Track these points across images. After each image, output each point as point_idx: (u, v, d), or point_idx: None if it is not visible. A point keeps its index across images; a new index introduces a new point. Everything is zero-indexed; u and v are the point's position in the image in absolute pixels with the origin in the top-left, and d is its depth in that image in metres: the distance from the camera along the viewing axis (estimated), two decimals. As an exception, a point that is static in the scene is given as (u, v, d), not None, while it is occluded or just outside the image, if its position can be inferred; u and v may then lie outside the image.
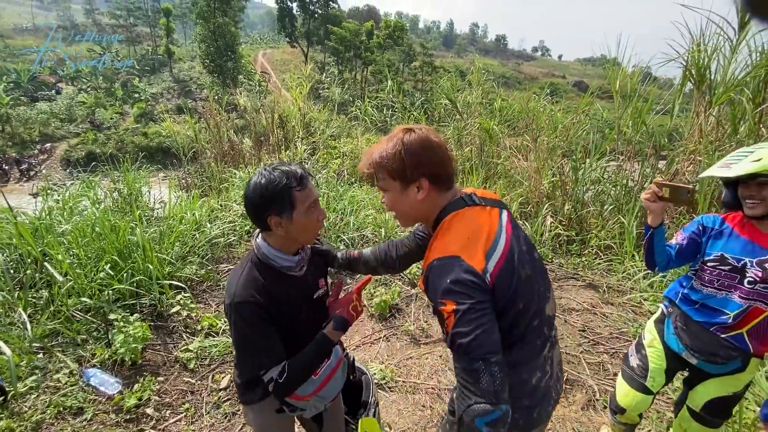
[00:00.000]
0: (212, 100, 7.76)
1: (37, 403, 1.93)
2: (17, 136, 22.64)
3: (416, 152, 0.97)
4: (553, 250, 4.49)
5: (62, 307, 2.49)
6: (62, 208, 3.66)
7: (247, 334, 1.06)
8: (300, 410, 1.18)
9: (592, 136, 4.99)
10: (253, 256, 1.14)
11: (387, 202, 1.04)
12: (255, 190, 1.05)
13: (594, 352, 2.84)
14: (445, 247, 0.92)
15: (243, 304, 1.04)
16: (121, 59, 35.77)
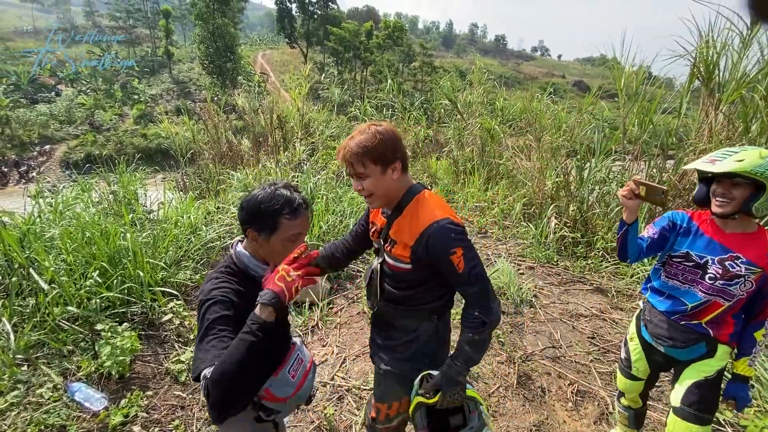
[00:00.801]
0: (211, 101, 7.66)
1: (18, 421, 1.81)
2: (17, 138, 22.55)
3: (392, 138, 1.19)
4: (558, 252, 4.37)
5: (48, 317, 2.38)
6: (54, 211, 3.55)
7: (210, 329, 0.98)
8: (276, 413, 1.14)
9: (597, 136, 4.87)
10: (230, 264, 1.15)
11: (367, 185, 1.19)
12: (251, 200, 1.10)
13: (605, 360, 2.72)
14: (432, 215, 1.18)
15: (217, 299, 1.02)
16: (120, 60, 35.74)
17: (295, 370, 1.15)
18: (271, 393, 1.09)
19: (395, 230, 1.25)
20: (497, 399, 2.32)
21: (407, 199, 1.24)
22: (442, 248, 1.15)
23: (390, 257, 1.26)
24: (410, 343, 1.34)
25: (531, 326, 3.10)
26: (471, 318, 1.21)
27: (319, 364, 2.53)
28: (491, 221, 5.23)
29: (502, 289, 3.45)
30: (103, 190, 4.72)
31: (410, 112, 8.67)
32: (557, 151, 5.57)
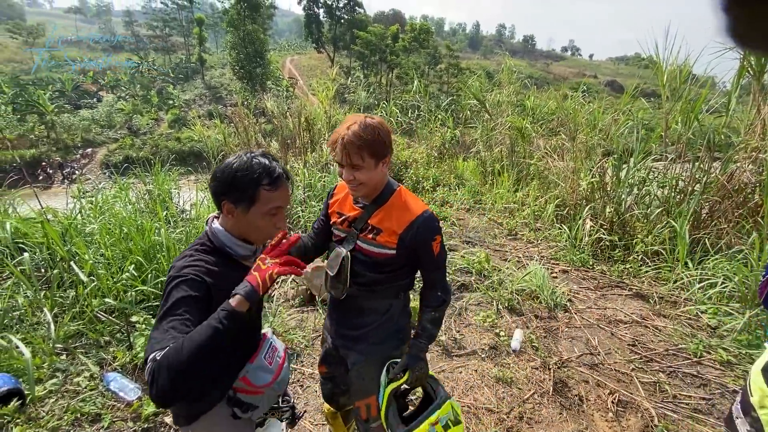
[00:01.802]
0: (241, 105, 7.86)
1: (55, 408, 1.87)
2: (61, 142, 23.96)
3: (387, 133, 1.23)
4: (594, 256, 4.17)
5: (87, 308, 2.45)
6: (94, 209, 3.69)
7: (172, 309, 0.88)
8: (253, 409, 1.06)
9: (636, 134, 4.63)
10: (205, 241, 1.05)
11: (359, 176, 1.22)
12: (226, 169, 1.00)
13: (648, 370, 2.55)
14: (420, 207, 1.30)
15: (186, 279, 0.92)
16: (157, 67, 37.39)
17: (270, 357, 1.10)
18: (249, 381, 1.03)
19: (379, 219, 1.31)
20: (532, 405, 2.20)
21: (389, 191, 1.32)
22: (428, 236, 1.28)
23: (369, 244, 1.31)
24: (383, 324, 1.40)
25: (566, 332, 2.96)
26: (434, 298, 1.37)
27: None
28: (521, 223, 5.07)
29: (534, 292, 3.32)
30: (139, 189, 4.90)
31: (435, 114, 8.58)
32: (592, 150, 5.35)
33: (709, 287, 3.31)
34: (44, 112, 23.56)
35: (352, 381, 1.42)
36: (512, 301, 3.17)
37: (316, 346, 2.65)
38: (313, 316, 2.96)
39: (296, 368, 2.44)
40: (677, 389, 2.39)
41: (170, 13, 43.85)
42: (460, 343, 2.70)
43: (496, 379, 2.37)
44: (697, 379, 2.47)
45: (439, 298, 1.36)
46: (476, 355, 2.58)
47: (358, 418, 1.46)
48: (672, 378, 2.49)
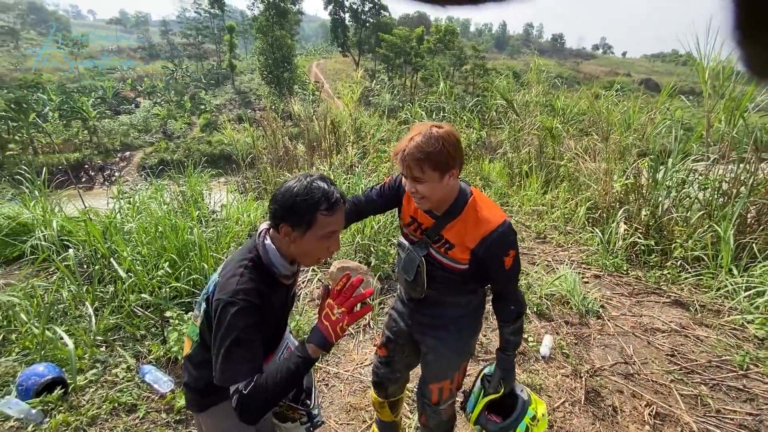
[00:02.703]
0: (269, 109, 8.06)
1: (95, 398, 1.97)
2: (102, 146, 25.33)
3: (453, 144, 1.16)
4: (629, 261, 4.00)
5: (125, 303, 2.57)
6: (132, 208, 3.87)
7: (240, 337, 0.94)
8: None
9: (674, 134, 4.41)
10: (255, 257, 1.07)
11: (422, 189, 1.19)
12: (286, 193, 1.01)
13: (689, 382, 2.41)
14: (493, 220, 1.23)
15: (244, 307, 0.96)
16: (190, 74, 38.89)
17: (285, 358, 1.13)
18: None
19: (452, 233, 1.28)
20: (563, 414, 2.13)
21: (461, 203, 1.26)
22: (501, 251, 1.23)
23: (442, 256, 1.31)
24: (463, 316, 1.43)
25: (599, 339, 2.84)
26: (508, 312, 1.36)
27: (370, 363, 2.49)
28: (550, 226, 4.93)
29: (564, 297, 3.21)
30: (173, 190, 5.11)
31: (461, 115, 8.49)
32: (626, 151, 5.14)
33: (756, 296, 3.10)
34: (87, 118, 24.97)
35: (428, 364, 1.49)
36: (541, 306, 3.08)
37: (342, 346, 2.67)
38: (338, 316, 2.98)
39: (321, 367, 2.46)
40: (721, 403, 2.25)
41: (203, 21, 45.56)
42: (486, 347, 2.64)
43: (524, 386, 2.31)
44: (743, 393, 2.32)
45: (513, 312, 1.36)
46: (503, 360, 2.52)
47: (427, 401, 1.53)
48: (715, 391, 2.35)
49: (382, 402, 1.71)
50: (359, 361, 2.52)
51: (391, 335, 1.59)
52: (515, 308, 1.35)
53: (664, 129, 4.92)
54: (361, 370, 2.43)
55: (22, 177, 4.03)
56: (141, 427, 1.88)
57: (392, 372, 1.63)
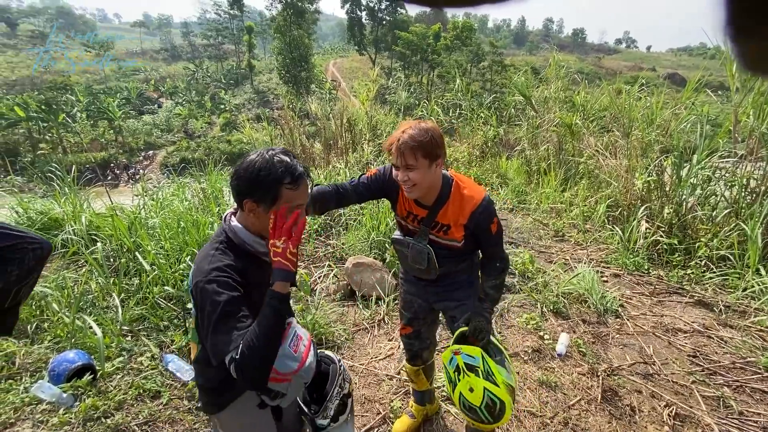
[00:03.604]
0: (287, 108, 8.17)
1: (121, 384, 2.06)
2: (127, 145, 26.15)
3: (440, 136, 1.34)
4: (650, 260, 3.90)
5: (149, 295, 2.67)
6: (155, 205, 4.01)
7: (224, 312, 0.94)
8: (281, 396, 1.08)
9: (700, 130, 4.27)
10: (224, 238, 1.07)
11: (413, 176, 1.32)
12: (249, 167, 1.00)
13: (711, 383, 2.35)
14: (477, 195, 1.41)
15: (220, 281, 0.96)
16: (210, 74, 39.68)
17: (295, 345, 1.10)
18: (275, 369, 1.04)
19: (445, 217, 1.45)
20: (578, 412, 2.11)
21: (447, 188, 1.43)
22: (487, 220, 1.42)
23: (441, 239, 1.49)
24: (469, 276, 1.63)
25: (617, 338, 2.79)
26: (494, 269, 1.52)
27: (384, 358, 2.53)
28: (569, 224, 4.85)
29: (582, 296, 3.16)
30: (194, 188, 5.25)
31: (478, 113, 8.41)
32: (649, 147, 5.00)
33: (785, 297, 2.99)
34: (113, 118, 25.80)
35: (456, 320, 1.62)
36: (558, 304, 3.04)
37: (357, 340, 2.70)
38: (353, 310, 3.02)
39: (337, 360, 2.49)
40: (744, 405, 2.18)
41: (223, 22, 46.41)
42: (501, 344, 2.63)
43: (539, 383, 2.30)
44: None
45: (498, 267, 1.52)
46: (518, 357, 2.51)
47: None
48: (738, 393, 2.28)
49: (417, 370, 1.88)
50: (374, 354, 2.55)
51: (412, 314, 1.77)
52: (500, 264, 1.52)
53: (689, 125, 4.76)
54: (376, 364, 2.46)
55: (53, 175, 4.21)
56: (164, 412, 1.96)
57: (423, 341, 1.84)
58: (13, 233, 1.08)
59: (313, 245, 3.93)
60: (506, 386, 1.35)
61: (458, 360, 1.40)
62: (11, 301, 1.07)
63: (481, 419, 1.34)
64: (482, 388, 1.33)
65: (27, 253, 1.07)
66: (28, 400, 1.92)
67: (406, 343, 1.87)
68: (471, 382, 1.36)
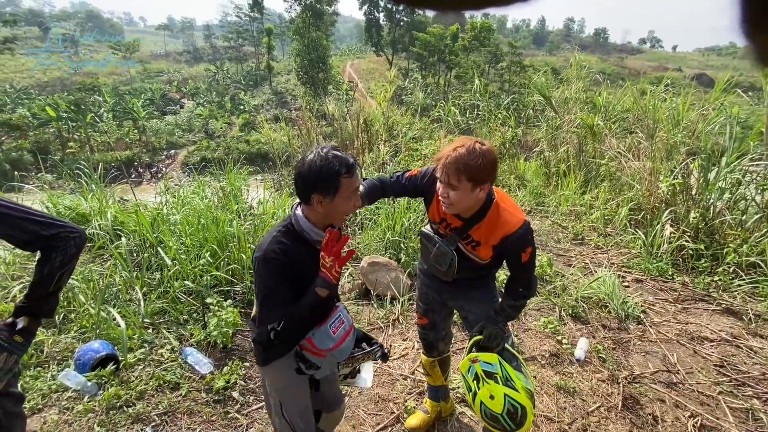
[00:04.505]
0: (305, 109, 8.26)
1: (142, 375, 2.11)
2: (150, 144, 26.88)
3: (491, 161, 1.28)
4: (674, 265, 3.78)
5: (169, 289, 2.74)
6: (177, 202, 4.11)
7: (270, 286, 1.17)
8: (315, 368, 1.27)
9: (729, 132, 4.11)
10: (288, 223, 1.25)
11: (453, 196, 1.31)
12: (311, 166, 1.16)
13: (739, 395, 2.25)
14: (514, 221, 1.37)
15: (272, 259, 1.16)
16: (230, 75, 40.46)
17: (335, 327, 1.27)
18: (313, 343, 1.23)
19: (478, 233, 1.43)
20: (598, 419, 2.05)
21: (486, 206, 1.40)
22: (518, 249, 1.38)
23: (469, 253, 1.49)
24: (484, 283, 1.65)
25: (639, 345, 2.72)
26: (516, 291, 1.48)
27: (399, 357, 2.52)
28: (589, 227, 4.74)
29: (602, 300, 3.09)
30: (214, 186, 5.37)
31: (496, 113, 8.31)
32: (674, 149, 4.85)
33: (821, 307, 2.85)
34: (137, 118, 26.59)
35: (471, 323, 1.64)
36: (577, 309, 2.98)
37: (371, 340, 2.70)
38: (368, 309, 3.02)
39: (351, 359, 2.50)
40: (776, 419, 2.09)
41: (243, 24, 47.25)
42: (518, 347, 2.59)
43: (557, 388, 2.25)
44: (803, 411, 2.14)
45: (520, 293, 1.49)
46: (535, 361, 2.47)
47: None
48: (769, 406, 2.18)
49: (433, 362, 1.89)
50: (388, 354, 2.54)
51: (428, 306, 1.79)
52: (522, 291, 1.48)
53: (717, 126, 4.60)
54: (390, 363, 2.45)
55: (81, 172, 4.36)
56: (183, 403, 2.00)
57: (438, 332, 1.85)
58: (57, 223, 1.18)
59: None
60: (526, 391, 1.33)
61: (476, 368, 1.40)
62: (54, 286, 1.17)
63: (504, 427, 1.33)
64: (503, 395, 1.32)
65: (69, 241, 1.17)
66: (55, 387, 1.99)
67: (422, 334, 1.89)
68: (491, 389, 1.35)
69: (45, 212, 1.17)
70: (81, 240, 1.20)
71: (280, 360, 1.29)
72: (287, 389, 1.34)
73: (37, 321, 1.19)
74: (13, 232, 1.11)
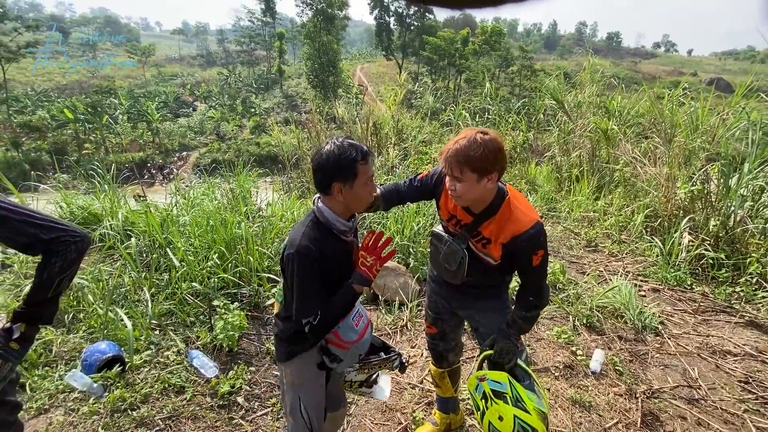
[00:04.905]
0: (314, 112, 8.28)
1: (148, 377, 2.09)
2: (163, 146, 27.30)
3: (494, 150, 1.24)
4: (693, 275, 3.66)
5: (177, 290, 2.72)
6: (186, 203, 4.11)
7: (306, 281, 1.20)
8: (338, 361, 1.32)
9: (751, 136, 3.98)
10: (314, 217, 1.27)
11: (460, 188, 1.29)
12: (329, 156, 1.19)
13: (766, 413, 2.14)
14: (526, 220, 1.31)
15: (305, 254, 1.18)
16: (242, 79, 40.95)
17: (357, 320, 1.34)
18: (339, 335, 1.29)
19: (488, 230, 1.38)
20: (615, 436, 1.97)
21: (498, 202, 1.35)
22: (530, 250, 1.32)
23: (479, 251, 1.43)
24: (496, 293, 1.58)
25: (657, 358, 2.61)
26: (527, 301, 1.40)
27: (407, 365, 2.46)
28: (602, 234, 4.63)
29: (618, 310, 2.99)
30: (223, 188, 5.38)
31: (507, 118, 8.22)
32: (693, 155, 4.72)
33: None
34: (151, 120, 27.03)
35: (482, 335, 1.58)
36: (591, 318, 2.88)
37: (379, 346, 2.65)
38: (376, 315, 2.97)
39: (359, 365, 2.45)
40: (807, 440, 1.98)
41: (256, 29, 47.88)
42: (530, 357, 2.51)
43: (571, 401, 2.16)
44: (836, 432, 2.02)
45: (531, 302, 1.41)
46: (549, 373, 2.38)
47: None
48: (799, 426, 2.07)
49: (442, 372, 1.83)
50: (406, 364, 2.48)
51: (437, 314, 1.73)
52: (533, 300, 1.40)
53: (738, 131, 4.46)
54: (398, 371, 2.39)
55: (95, 172, 4.40)
56: (188, 408, 1.97)
57: (448, 342, 1.78)
58: (58, 226, 1.13)
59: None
60: (537, 412, 1.26)
61: (484, 387, 1.34)
62: (53, 291, 1.13)
63: None
64: (512, 416, 1.25)
65: (70, 245, 1.13)
66: (62, 387, 1.97)
67: (431, 343, 1.83)
68: (500, 409, 1.28)
69: (47, 215, 1.14)
70: (83, 244, 1.16)
71: (303, 355, 1.32)
72: (307, 384, 1.36)
73: (35, 327, 1.15)
74: (12, 235, 1.07)
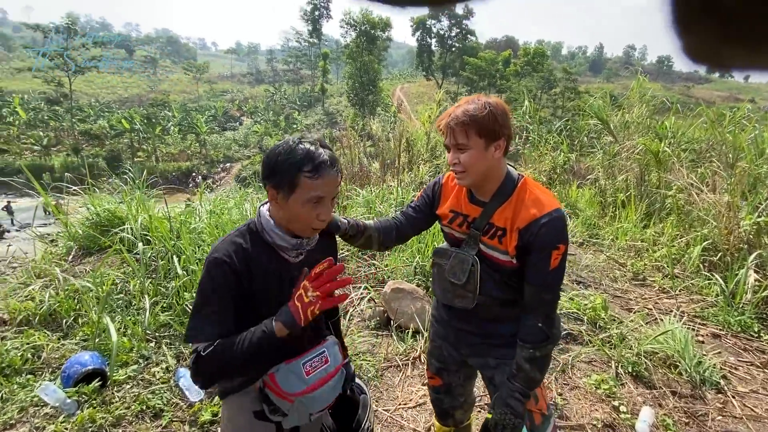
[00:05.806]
0: (350, 128, 8.33)
1: (126, 396, 1.93)
2: (209, 157, 28.75)
3: (502, 113, 1.08)
4: (761, 320, 3.12)
5: (179, 301, 2.60)
6: (208, 212, 4.08)
7: (207, 296, 0.94)
8: (282, 415, 0.99)
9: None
10: (250, 223, 1.04)
11: (464, 159, 1.08)
12: (271, 151, 0.97)
13: None
14: (548, 203, 1.09)
15: (220, 262, 0.93)
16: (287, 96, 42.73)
17: (313, 366, 1.01)
18: (276, 381, 0.97)
19: (502, 217, 1.13)
20: None
21: (511, 184, 1.15)
22: (550, 242, 1.06)
23: (493, 249, 1.15)
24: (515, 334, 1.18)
25: (719, 421, 2.15)
26: (532, 329, 1.10)
27: (415, 406, 2.16)
28: (651, 266, 4.12)
29: (671, 358, 2.54)
30: (252, 198, 5.39)
31: (547, 138, 7.81)
32: (759, 182, 4.16)
33: None
34: (200, 132, 28.66)
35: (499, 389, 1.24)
36: (638, 366, 2.45)
37: (386, 379, 2.38)
38: (386, 342, 2.70)
39: (360, 400, 2.18)
40: None
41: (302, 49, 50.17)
42: (561, 410, 2.13)
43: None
44: None
45: (540, 331, 1.09)
46: (584, 431, 2.00)
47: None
48: None
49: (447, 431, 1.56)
50: (402, 400, 2.20)
51: (442, 364, 1.42)
52: (543, 327, 1.09)
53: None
54: (404, 413, 2.10)
55: (127, 178, 4.50)
56: (162, 436, 1.79)
57: (455, 398, 1.48)
58: None
59: (355, 263, 3.71)
60: None
61: None
62: None
63: None
64: None
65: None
66: (36, 400, 1.86)
67: (434, 398, 1.52)
68: None
69: None
70: None
71: (234, 397, 1.03)
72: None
73: None
74: None
